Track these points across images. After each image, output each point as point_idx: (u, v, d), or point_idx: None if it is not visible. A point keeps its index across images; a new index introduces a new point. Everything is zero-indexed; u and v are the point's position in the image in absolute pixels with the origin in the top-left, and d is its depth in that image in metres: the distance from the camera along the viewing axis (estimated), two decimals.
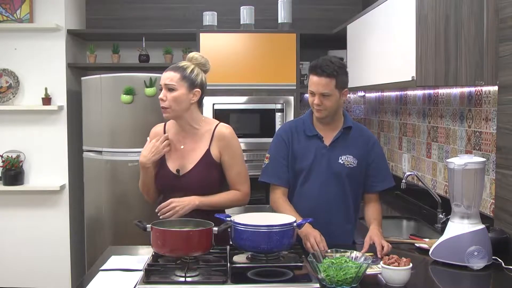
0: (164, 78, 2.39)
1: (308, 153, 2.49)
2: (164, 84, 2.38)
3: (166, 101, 2.38)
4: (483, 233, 2.19)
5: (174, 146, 2.47)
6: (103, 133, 4.09)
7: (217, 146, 2.43)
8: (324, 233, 2.34)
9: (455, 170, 2.18)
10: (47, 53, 4.22)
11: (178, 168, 2.41)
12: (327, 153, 2.48)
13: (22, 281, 4.27)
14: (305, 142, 2.51)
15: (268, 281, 1.94)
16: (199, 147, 2.44)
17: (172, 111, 2.39)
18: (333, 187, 2.47)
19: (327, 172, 2.47)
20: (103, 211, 4.11)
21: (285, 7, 4.18)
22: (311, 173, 2.49)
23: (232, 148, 2.45)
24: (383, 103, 4.33)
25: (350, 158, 2.48)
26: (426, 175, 3.41)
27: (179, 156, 2.45)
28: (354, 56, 3.69)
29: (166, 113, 2.40)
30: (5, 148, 4.21)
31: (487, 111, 2.67)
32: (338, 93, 2.41)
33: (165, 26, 4.63)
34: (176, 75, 2.38)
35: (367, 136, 2.54)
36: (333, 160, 2.48)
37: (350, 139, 2.50)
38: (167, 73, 2.40)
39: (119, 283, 1.96)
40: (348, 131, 2.51)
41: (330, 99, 2.40)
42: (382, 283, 1.97)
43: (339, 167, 2.47)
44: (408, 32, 2.66)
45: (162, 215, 2.36)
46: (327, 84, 2.37)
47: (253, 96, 4.06)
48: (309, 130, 2.51)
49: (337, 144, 2.49)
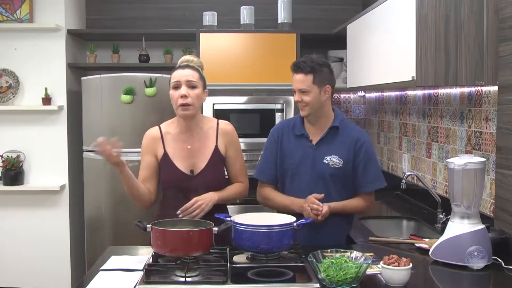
0: (186, 75, 2.40)
1: (296, 152, 2.52)
2: (187, 80, 2.39)
3: (189, 98, 2.39)
4: (483, 233, 2.19)
5: (179, 147, 2.47)
6: (103, 133, 4.05)
7: (223, 142, 2.50)
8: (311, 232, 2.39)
9: (455, 170, 2.17)
10: (47, 53, 4.22)
11: (192, 169, 2.44)
12: (312, 152, 2.50)
13: (22, 281, 4.27)
14: (294, 141, 2.54)
15: (268, 281, 1.94)
16: (207, 145, 2.48)
17: (193, 108, 2.41)
18: (318, 187, 2.46)
19: (312, 171, 2.49)
20: (103, 211, 4.11)
21: (285, 7, 4.18)
22: (298, 172, 2.51)
23: (237, 143, 2.55)
24: (383, 103, 4.32)
25: (336, 159, 2.47)
26: (426, 175, 3.41)
27: (187, 156, 2.46)
28: (354, 56, 3.69)
29: (187, 110, 2.40)
30: (5, 148, 4.21)
31: (487, 111, 2.67)
32: (317, 89, 2.43)
33: (165, 26, 4.63)
34: (196, 73, 2.43)
35: (355, 136, 2.51)
36: (318, 160, 2.48)
37: (337, 139, 2.50)
38: (186, 70, 2.42)
39: (119, 283, 1.96)
40: (335, 131, 2.50)
41: (309, 95, 2.43)
42: (382, 283, 1.97)
43: (323, 167, 2.48)
44: (408, 32, 2.66)
45: (187, 216, 2.34)
46: (304, 80, 2.42)
47: (253, 96, 4.06)
48: (297, 130, 2.54)
49: (323, 144, 2.50)
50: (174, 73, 2.44)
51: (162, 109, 4.02)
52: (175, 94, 2.40)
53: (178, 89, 2.40)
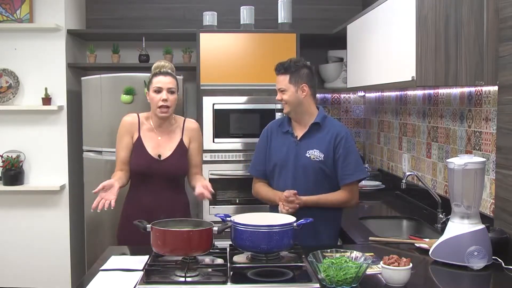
0: (167, 82, 2.75)
1: (282, 147, 2.72)
2: (168, 87, 2.74)
3: (168, 102, 2.74)
4: (483, 233, 2.19)
5: (151, 137, 2.81)
6: (103, 133, 4.09)
7: (188, 136, 2.85)
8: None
9: (455, 170, 2.18)
10: (47, 53, 4.22)
11: (159, 154, 2.77)
12: (295, 147, 2.68)
13: (22, 281, 4.27)
14: (281, 138, 2.75)
15: (268, 281, 1.94)
16: (173, 138, 2.83)
17: (171, 110, 2.78)
18: (302, 180, 2.65)
19: (295, 165, 2.66)
20: (103, 211, 4.08)
21: (285, 7, 4.18)
22: (283, 167, 2.69)
23: (200, 138, 2.94)
24: (383, 103, 4.32)
25: (317, 152, 2.65)
26: (426, 175, 3.41)
27: (156, 145, 2.80)
28: (354, 56, 3.69)
29: (166, 113, 2.76)
30: (5, 148, 4.21)
31: (487, 111, 2.67)
32: (294, 87, 2.65)
33: (165, 26, 4.63)
34: (174, 80, 2.78)
35: (336, 131, 2.67)
36: (301, 154, 2.67)
37: (318, 134, 2.68)
38: (167, 77, 2.76)
39: (119, 283, 1.96)
40: (317, 127, 2.68)
41: (286, 94, 2.66)
42: (382, 283, 1.97)
43: (305, 160, 2.65)
44: (408, 32, 2.66)
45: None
46: (281, 80, 2.68)
47: (253, 96, 4.06)
48: (283, 127, 2.75)
49: (305, 139, 2.68)
50: (156, 79, 2.76)
51: None
52: (156, 97, 2.74)
53: (159, 93, 2.73)
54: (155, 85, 2.74)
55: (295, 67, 2.67)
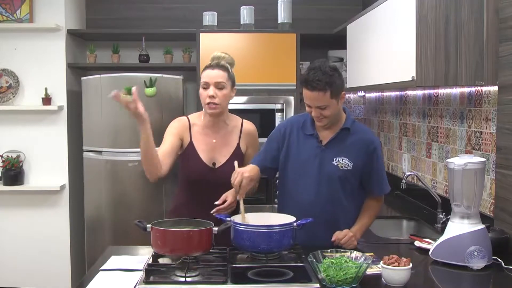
0: (215, 76, 2.50)
1: (303, 151, 2.43)
2: (215, 82, 2.49)
3: (216, 98, 2.49)
4: (483, 233, 2.19)
5: (204, 140, 2.57)
6: (103, 133, 4.09)
7: (245, 141, 2.62)
8: (313, 235, 2.34)
9: (455, 170, 2.17)
10: (47, 53, 4.21)
11: (214, 162, 2.55)
12: (321, 153, 2.40)
13: (22, 281, 4.27)
14: (302, 140, 2.44)
15: (268, 281, 1.94)
16: (230, 141, 2.60)
17: (220, 107, 2.52)
18: (325, 189, 2.38)
19: (319, 173, 2.39)
20: (103, 211, 4.11)
21: (285, 7, 4.18)
22: (304, 174, 2.41)
23: (257, 143, 2.68)
24: (383, 103, 4.33)
25: (345, 161, 2.37)
26: (426, 175, 3.41)
27: (211, 149, 2.57)
28: (354, 56, 3.69)
29: (215, 109, 2.51)
30: (5, 148, 4.21)
31: (487, 111, 2.67)
32: (335, 100, 2.30)
33: (165, 26, 4.63)
34: (224, 74, 2.52)
35: (368, 139, 2.41)
36: (326, 161, 2.39)
37: (348, 140, 2.39)
38: (215, 71, 2.51)
39: (119, 283, 1.96)
40: (346, 132, 2.40)
41: (328, 109, 2.31)
42: (382, 283, 1.97)
43: (332, 168, 2.37)
44: (408, 32, 2.66)
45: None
46: (321, 98, 2.27)
47: (253, 96, 4.06)
48: (307, 129, 2.44)
49: (333, 145, 2.40)
50: (204, 73, 2.53)
51: (162, 109, 4.02)
52: (204, 94, 2.51)
53: (207, 89, 2.50)
54: (202, 80, 2.51)
55: (331, 77, 2.26)
